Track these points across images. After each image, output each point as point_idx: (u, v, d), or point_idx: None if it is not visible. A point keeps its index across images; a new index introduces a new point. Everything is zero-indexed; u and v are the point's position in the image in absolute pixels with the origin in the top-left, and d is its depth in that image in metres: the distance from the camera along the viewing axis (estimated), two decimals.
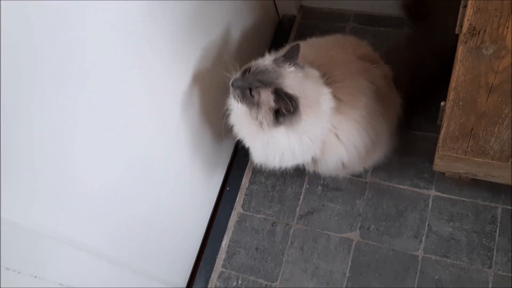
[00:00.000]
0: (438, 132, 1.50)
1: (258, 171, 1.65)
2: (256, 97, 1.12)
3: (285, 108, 1.10)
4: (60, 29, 0.78)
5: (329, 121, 1.22)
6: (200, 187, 1.52)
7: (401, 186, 1.53)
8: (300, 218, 1.55)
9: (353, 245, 1.48)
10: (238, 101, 1.16)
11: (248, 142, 1.30)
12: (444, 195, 1.48)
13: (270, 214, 1.58)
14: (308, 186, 1.59)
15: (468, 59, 0.91)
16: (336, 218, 1.52)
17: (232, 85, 1.15)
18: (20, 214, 0.79)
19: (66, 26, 0.80)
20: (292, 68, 1.13)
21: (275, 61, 1.15)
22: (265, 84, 1.11)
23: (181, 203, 1.42)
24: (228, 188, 1.64)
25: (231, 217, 1.60)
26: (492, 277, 1.35)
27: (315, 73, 1.18)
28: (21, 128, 0.76)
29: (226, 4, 1.41)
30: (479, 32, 0.84)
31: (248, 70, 1.15)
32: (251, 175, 1.65)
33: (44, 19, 0.75)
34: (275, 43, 1.84)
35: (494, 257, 1.37)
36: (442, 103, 1.17)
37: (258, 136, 1.20)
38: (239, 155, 1.68)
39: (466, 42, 0.87)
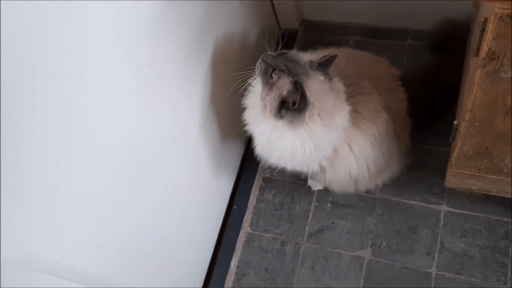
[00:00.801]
0: (447, 146, 1.49)
1: (266, 189, 1.63)
2: (274, 78, 1.12)
3: (292, 102, 1.10)
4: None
5: (339, 137, 1.21)
6: (206, 206, 1.49)
7: (412, 202, 1.50)
8: (310, 237, 1.52)
9: (365, 264, 1.45)
10: (257, 73, 1.16)
11: (252, 127, 1.27)
12: (456, 210, 1.46)
13: (279, 233, 1.55)
14: (317, 203, 1.57)
15: (486, 82, 0.89)
16: (346, 236, 1.50)
17: (262, 58, 1.16)
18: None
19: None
20: (322, 78, 1.13)
21: (311, 62, 1.14)
22: (290, 72, 1.11)
23: (187, 224, 1.39)
24: (235, 207, 1.62)
25: (239, 237, 1.57)
26: None
27: (341, 87, 1.18)
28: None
29: (227, 20, 1.39)
30: (498, 57, 0.83)
31: (284, 53, 1.16)
32: (259, 193, 1.63)
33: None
34: None
35: (509, 273, 1.35)
36: (455, 122, 1.15)
37: (262, 122, 1.18)
38: (246, 173, 1.66)
39: (484, 66, 0.86)
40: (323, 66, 1.14)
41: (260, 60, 1.15)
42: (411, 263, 1.43)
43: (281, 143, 1.18)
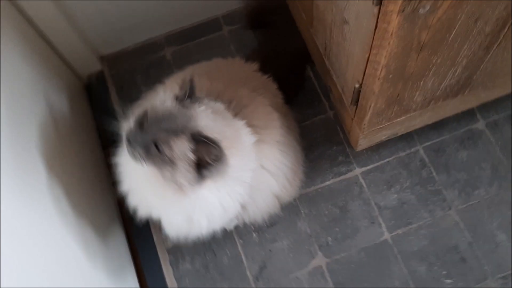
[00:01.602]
0: (322, 113, 1.43)
1: (178, 260, 1.32)
2: (167, 152, 0.84)
3: (210, 157, 0.85)
4: None
5: (255, 156, 0.99)
6: None
7: (328, 183, 1.38)
8: (257, 280, 1.29)
9: (325, 270, 1.29)
10: (141, 163, 0.86)
11: (160, 214, 0.99)
12: (368, 167, 1.39)
13: None
14: (241, 241, 1.33)
15: (404, 26, 0.77)
16: (291, 255, 1.31)
17: (129, 141, 0.85)
18: None
19: None
20: (203, 107, 0.88)
21: (178, 101, 0.88)
22: (176, 132, 0.84)
23: None
24: None
25: None
26: (457, 216, 1.31)
27: (220, 106, 0.95)
28: None
29: (35, 102, 1.03)
30: None
31: (145, 118, 0.85)
32: (173, 270, 1.31)
33: None
34: (96, 109, 1.48)
35: (447, 197, 1.34)
36: (356, 85, 1.03)
37: (177, 202, 0.92)
38: (145, 259, 1.31)
39: (403, 10, 0.72)
40: (191, 95, 0.89)
41: (128, 146, 0.85)
42: (363, 241, 1.31)
43: (208, 208, 0.92)
